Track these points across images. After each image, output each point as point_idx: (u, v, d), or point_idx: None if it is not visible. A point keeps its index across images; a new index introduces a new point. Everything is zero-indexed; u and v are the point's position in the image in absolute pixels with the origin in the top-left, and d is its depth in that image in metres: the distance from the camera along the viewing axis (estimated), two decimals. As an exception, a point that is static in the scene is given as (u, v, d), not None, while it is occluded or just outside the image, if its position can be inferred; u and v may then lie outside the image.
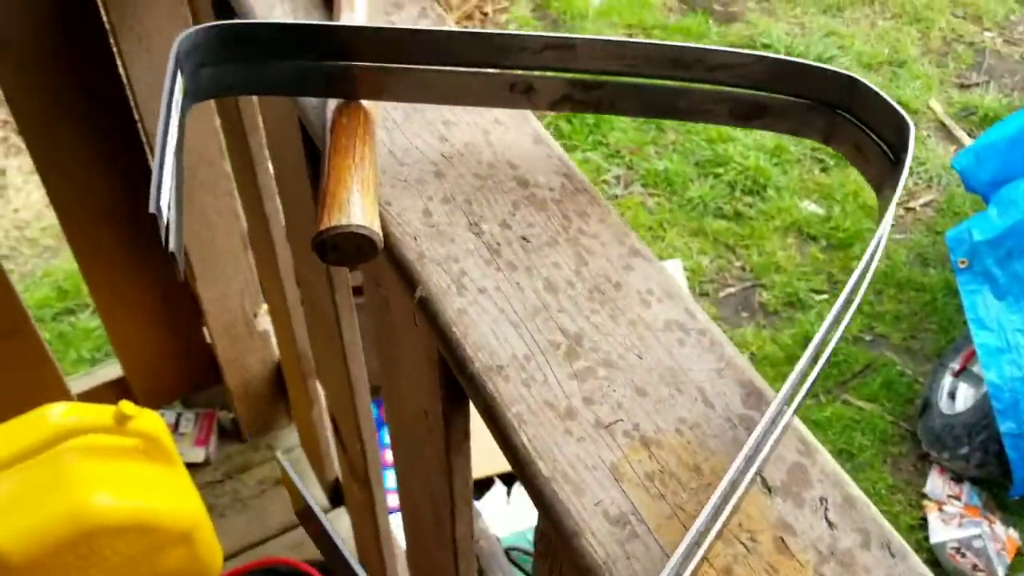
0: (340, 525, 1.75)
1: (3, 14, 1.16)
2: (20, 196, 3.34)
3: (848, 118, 0.56)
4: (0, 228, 3.28)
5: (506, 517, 2.05)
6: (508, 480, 2.23)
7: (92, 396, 1.75)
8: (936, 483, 2.49)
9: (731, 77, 0.57)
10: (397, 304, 0.66)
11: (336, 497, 1.72)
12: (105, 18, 1.18)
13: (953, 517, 2.36)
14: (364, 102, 0.60)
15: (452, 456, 0.69)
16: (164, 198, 0.48)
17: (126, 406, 1.45)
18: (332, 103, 0.60)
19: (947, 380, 2.57)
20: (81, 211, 1.46)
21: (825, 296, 3.05)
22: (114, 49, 1.23)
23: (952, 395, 2.55)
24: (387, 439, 2.14)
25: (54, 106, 1.29)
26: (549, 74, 0.58)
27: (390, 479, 1.41)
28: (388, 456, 1.65)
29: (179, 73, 0.53)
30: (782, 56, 0.56)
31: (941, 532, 2.33)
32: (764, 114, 0.58)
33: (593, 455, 0.46)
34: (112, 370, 1.78)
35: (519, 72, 0.58)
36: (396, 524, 1.32)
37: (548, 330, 0.52)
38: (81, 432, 1.44)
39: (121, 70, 1.24)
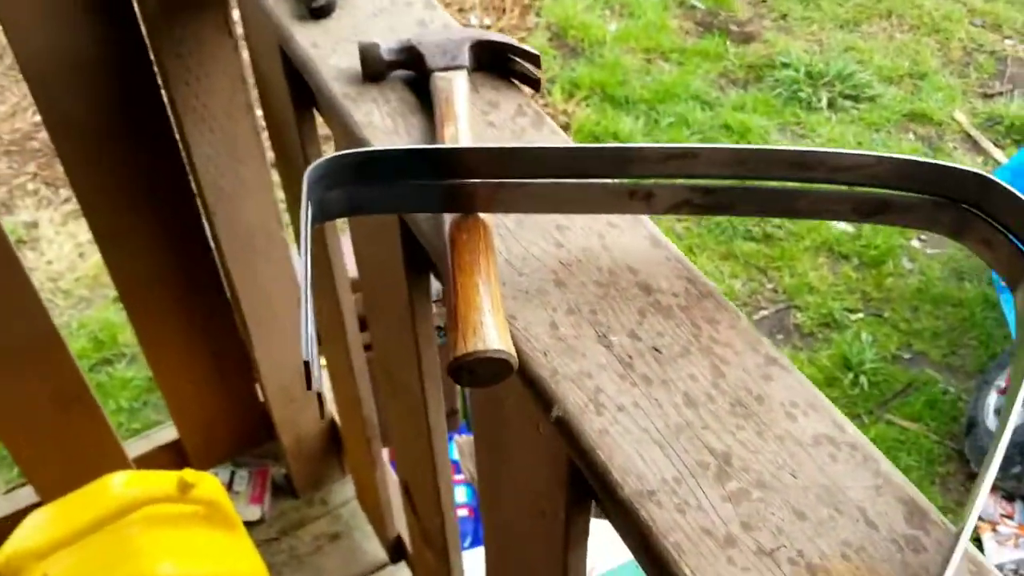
0: (401, 580, 1.74)
1: (68, 92, 1.17)
2: (52, 248, 3.36)
3: (977, 214, 0.55)
4: (34, 280, 3.29)
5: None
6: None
7: (148, 460, 1.75)
8: (988, 503, 2.46)
9: (854, 177, 0.57)
10: (514, 407, 0.66)
11: (397, 553, 1.71)
12: (167, 100, 1.19)
13: (1008, 538, 2.34)
14: (481, 215, 0.60)
15: (570, 554, 0.68)
16: (311, 343, 0.48)
17: (188, 474, 1.45)
18: (448, 217, 0.60)
19: (993, 397, 2.55)
20: (137, 278, 1.47)
21: (860, 315, 3.04)
22: (174, 126, 1.24)
23: (999, 412, 2.52)
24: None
25: (113, 179, 1.31)
26: (668, 181, 0.58)
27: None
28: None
29: (309, 204, 0.53)
30: (908, 156, 0.55)
31: (996, 553, 2.31)
32: (888, 210, 0.58)
33: (760, 585, 0.46)
34: (167, 433, 1.79)
35: (639, 180, 0.58)
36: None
37: (695, 449, 0.51)
38: (145, 503, 1.45)
39: (182, 148, 1.25)
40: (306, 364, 0.47)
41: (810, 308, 3.04)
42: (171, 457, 1.78)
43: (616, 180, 0.58)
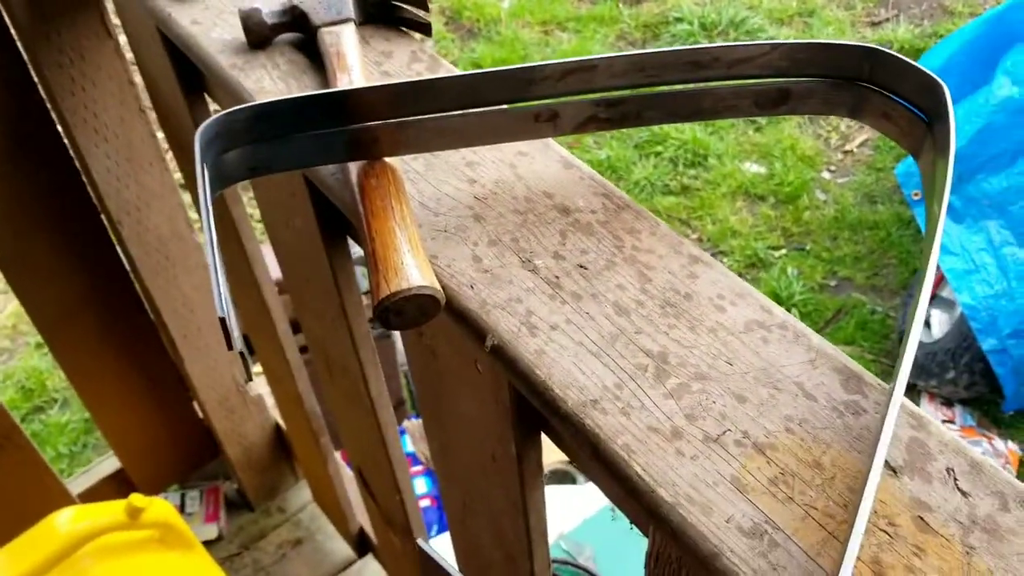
0: (370, 575, 1.72)
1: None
2: (-37, 303, 3.23)
3: (873, 89, 0.56)
4: (-53, 338, 3.17)
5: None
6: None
7: (93, 494, 1.70)
8: (928, 411, 2.54)
9: (751, 69, 0.57)
10: (448, 352, 0.65)
11: (362, 546, 1.69)
12: (55, 114, 1.15)
13: (952, 442, 2.42)
14: (388, 159, 0.59)
15: (527, 493, 0.68)
16: (225, 301, 0.46)
17: (136, 499, 1.41)
18: (354, 166, 0.59)
19: (919, 310, 2.62)
20: (54, 310, 1.42)
21: (784, 251, 3.10)
22: (67, 143, 1.19)
23: (927, 323, 2.60)
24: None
25: (13, 206, 1.25)
26: (572, 99, 0.58)
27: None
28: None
29: (204, 167, 0.52)
30: (797, 40, 0.56)
31: (944, 458, 2.38)
32: (788, 99, 0.58)
33: (711, 471, 0.46)
34: (109, 464, 1.74)
35: (542, 101, 0.57)
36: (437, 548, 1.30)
37: (631, 354, 0.51)
38: (96, 535, 1.40)
39: (77, 163, 1.21)
40: (222, 321, 0.45)
41: (735, 251, 3.09)
42: (117, 488, 1.73)
43: (520, 104, 0.58)
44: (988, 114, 2.26)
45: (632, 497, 0.47)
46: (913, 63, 0.53)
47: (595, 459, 0.49)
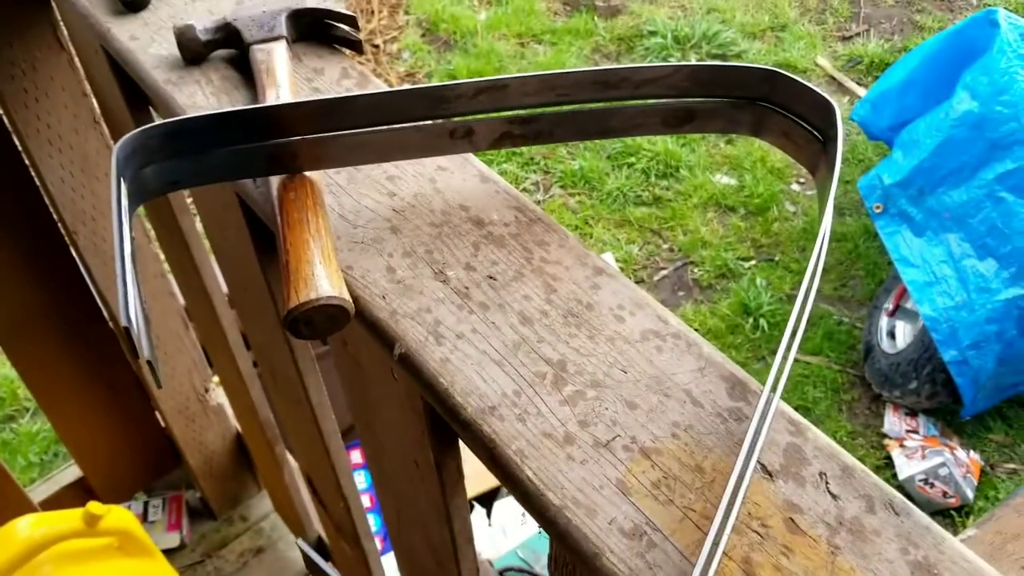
0: (331, 581, 1.73)
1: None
2: (-67, 311, 3.22)
3: (773, 109, 0.59)
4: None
5: (489, 539, 2.06)
6: (486, 501, 2.24)
7: (54, 502, 1.70)
8: (892, 421, 2.58)
9: (657, 89, 0.59)
10: (369, 361, 0.67)
11: (322, 555, 1.70)
12: (10, 125, 1.16)
13: (915, 451, 2.45)
14: (308, 172, 0.61)
15: (449, 499, 0.69)
16: (132, 310, 0.48)
17: (94, 506, 1.42)
18: (275, 180, 0.61)
19: (884, 321, 2.66)
20: (12, 319, 1.42)
21: (753, 262, 3.13)
22: (22, 153, 1.20)
23: (891, 334, 2.64)
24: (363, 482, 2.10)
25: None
26: (486, 116, 0.60)
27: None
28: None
29: (121, 181, 0.53)
30: (701, 62, 0.58)
31: (907, 467, 2.41)
32: (693, 118, 0.61)
33: (598, 475, 0.48)
34: (70, 472, 1.74)
35: (457, 119, 0.59)
36: (390, 567, 1.31)
37: (532, 362, 0.53)
38: (53, 541, 1.41)
39: (33, 173, 1.22)
40: (126, 330, 0.47)
41: (706, 262, 3.12)
42: (79, 496, 1.73)
43: (436, 121, 0.60)
44: (948, 128, 2.30)
45: (525, 500, 0.49)
46: (808, 84, 0.56)
47: (492, 463, 0.51)
